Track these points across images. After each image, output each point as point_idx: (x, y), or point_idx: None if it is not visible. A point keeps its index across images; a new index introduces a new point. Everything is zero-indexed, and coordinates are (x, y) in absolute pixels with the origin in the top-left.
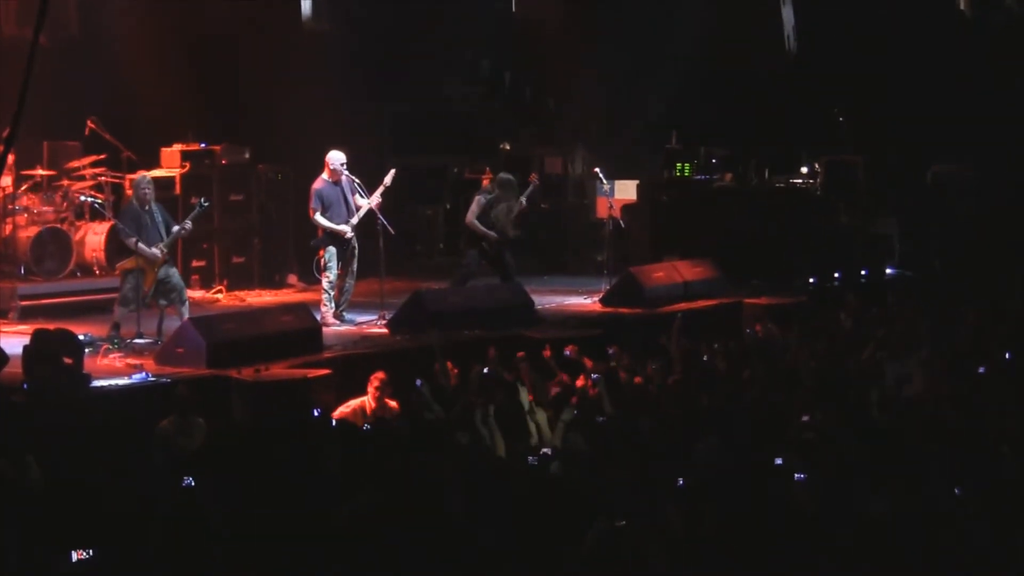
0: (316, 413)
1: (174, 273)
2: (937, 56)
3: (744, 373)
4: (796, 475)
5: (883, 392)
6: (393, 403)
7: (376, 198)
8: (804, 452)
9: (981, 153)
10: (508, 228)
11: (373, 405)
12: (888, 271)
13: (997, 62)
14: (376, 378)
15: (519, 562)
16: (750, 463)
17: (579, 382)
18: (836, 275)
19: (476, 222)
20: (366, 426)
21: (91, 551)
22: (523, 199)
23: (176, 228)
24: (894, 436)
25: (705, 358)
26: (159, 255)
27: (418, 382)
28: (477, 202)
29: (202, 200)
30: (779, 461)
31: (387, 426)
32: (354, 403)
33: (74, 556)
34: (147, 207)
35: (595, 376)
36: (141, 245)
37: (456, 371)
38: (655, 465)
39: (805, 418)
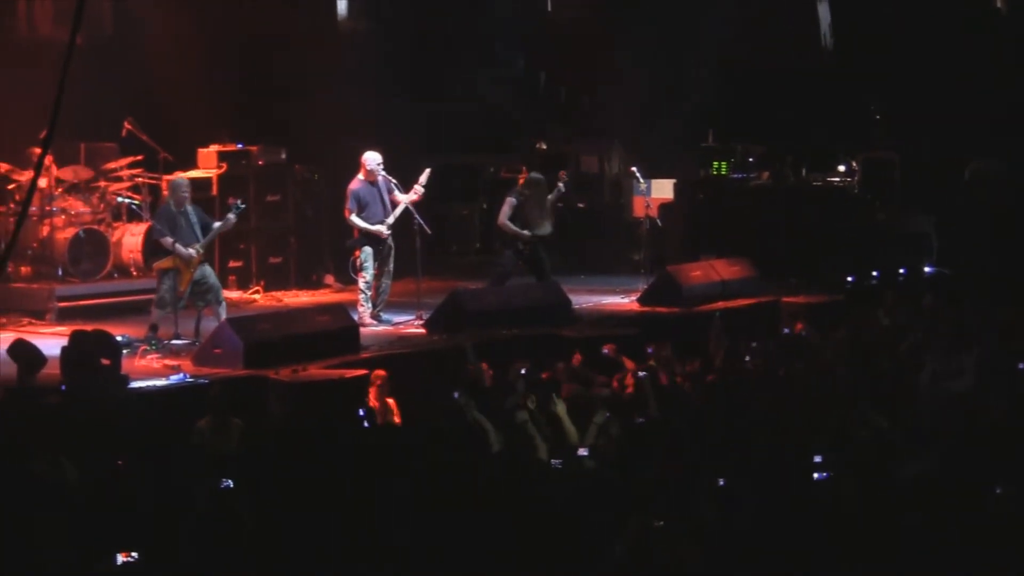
0: (361, 413)
1: (210, 273)
2: (974, 52)
3: (780, 371)
4: (816, 474)
5: (925, 388)
6: (391, 401)
7: (412, 196)
8: (843, 451)
9: (1019, 149)
10: (543, 224)
11: (376, 404)
12: (926, 269)
13: None
14: (377, 376)
15: (556, 562)
16: (789, 462)
17: (615, 383)
18: (874, 273)
19: (508, 223)
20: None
21: (136, 553)
22: (554, 193)
23: (216, 225)
24: (936, 435)
25: (744, 357)
26: (195, 255)
27: (455, 395)
28: (508, 203)
29: (238, 202)
30: (818, 459)
31: (428, 428)
32: None
33: (119, 558)
34: (183, 208)
35: (641, 374)
36: (177, 245)
37: (491, 372)
38: (694, 465)
39: (843, 420)
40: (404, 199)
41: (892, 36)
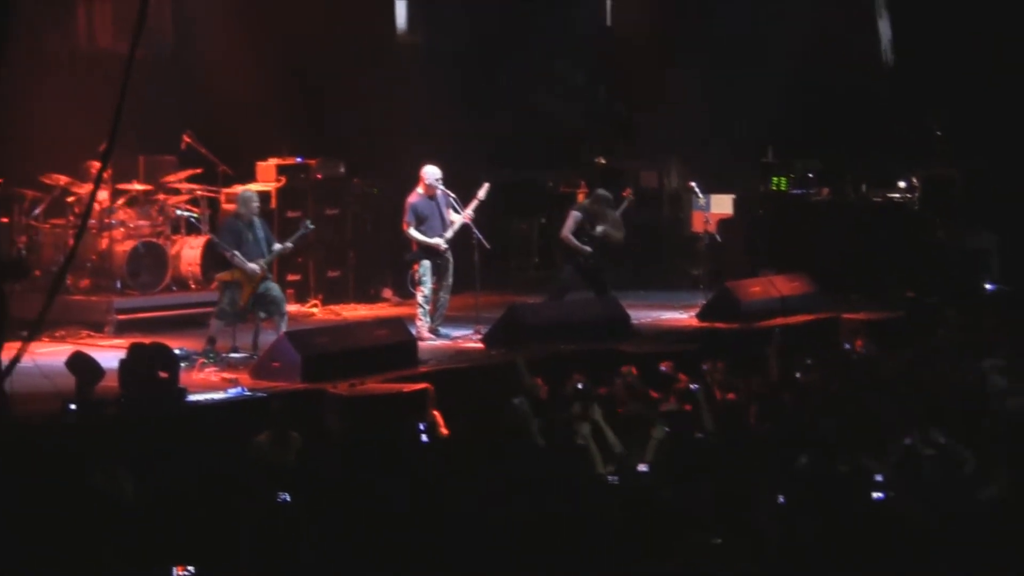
0: (422, 427)
1: (273, 287)
2: None
3: (835, 386)
4: (876, 494)
5: (991, 404)
6: (436, 413)
7: (469, 212)
8: (905, 467)
9: None
10: (616, 236)
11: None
12: (987, 286)
13: None
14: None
15: None
16: (849, 478)
17: (672, 399)
18: (934, 290)
19: (571, 237)
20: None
21: (192, 567)
22: (620, 209)
23: (277, 247)
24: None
25: (800, 374)
26: (258, 270)
27: (516, 400)
28: (572, 217)
29: (307, 222)
30: (879, 478)
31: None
32: None
33: (176, 572)
34: (250, 221)
35: (694, 387)
36: (240, 259)
37: (547, 387)
38: (752, 481)
39: (908, 439)
40: (457, 219)
41: (953, 52)
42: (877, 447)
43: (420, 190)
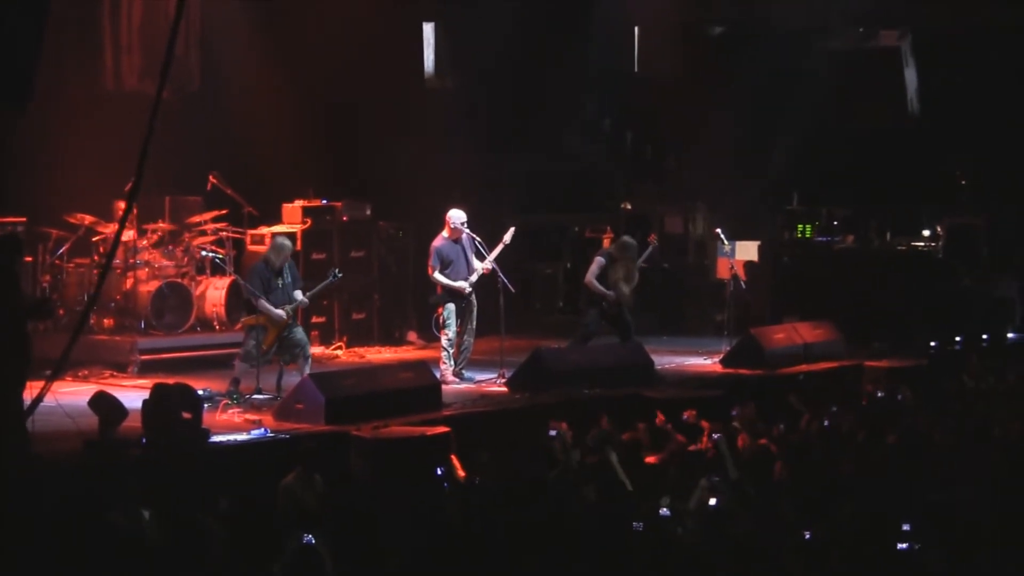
0: (439, 472)
1: (298, 330)
2: None
3: (861, 435)
4: (900, 544)
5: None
6: (453, 457)
7: (490, 262)
8: (934, 519)
9: None
10: (626, 290)
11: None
12: (1010, 335)
13: None
14: None
15: None
16: (876, 527)
17: (701, 445)
18: (957, 338)
19: (595, 282)
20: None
21: None
22: (642, 261)
23: (300, 297)
24: None
25: (827, 421)
26: (284, 316)
27: (552, 432)
28: (597, 262)
29: (334, 270)
30: (907, 527)
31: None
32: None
33: None
34: (279, 268)
35: (716, 436)
36: (266, 305)
37: (571, 432)
38: (777, 528)
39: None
40: (479, 267)
41: (978, 101)
42: (905, 494)
43: (445, 234)
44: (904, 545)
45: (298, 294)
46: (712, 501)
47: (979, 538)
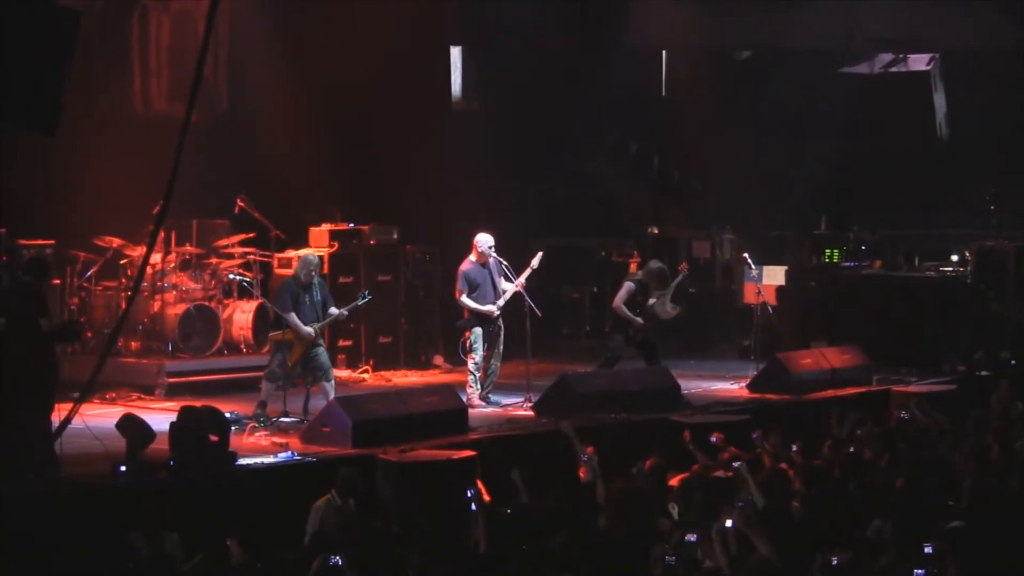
0: (469, 494)
1: (322, 352)
2: None
3: (885, 459)
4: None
5: None
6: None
7: (520, 281)
8: (955, 543)
9: None
10: (663, 315)
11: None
12: None
13: None
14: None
15: None
16: (900, 552)
17: (725, 470)
18: (986, 363)
19: (623, 307)
20: None
21: None
22: (672, 288)
23: (333, 311)
24: None
25: (853, 446)
26: (312, 333)
27: (584, 456)
28: (626, 288)
29: (364, 292)
30: (928, 550)
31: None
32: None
33: None
34: (307, 285)
35: (736, 464)
36: (295, 320)
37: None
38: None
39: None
40: (509, 288)
41: (1006, 125)
42: (926, 519)
43: (472, 257)
44: (921, 572)
45: (333, 310)
46: (730, 524)
47: (1003, 565)
